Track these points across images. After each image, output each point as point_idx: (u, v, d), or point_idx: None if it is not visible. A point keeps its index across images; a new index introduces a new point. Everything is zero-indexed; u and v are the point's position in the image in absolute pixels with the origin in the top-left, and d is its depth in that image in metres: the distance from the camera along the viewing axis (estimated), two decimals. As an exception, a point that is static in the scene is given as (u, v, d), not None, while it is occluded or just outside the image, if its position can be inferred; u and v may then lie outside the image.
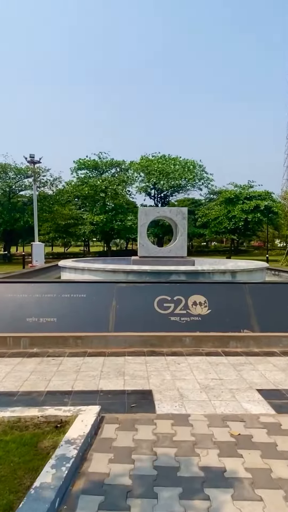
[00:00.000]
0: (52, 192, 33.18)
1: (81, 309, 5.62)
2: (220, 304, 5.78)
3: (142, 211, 9.03)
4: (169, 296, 5.83)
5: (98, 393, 3.68)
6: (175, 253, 9.01)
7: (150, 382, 3.97)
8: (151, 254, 9.00)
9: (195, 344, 5.31)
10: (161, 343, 5.29)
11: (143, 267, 7.01)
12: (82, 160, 33.70)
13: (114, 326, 5.44)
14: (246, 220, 34.55)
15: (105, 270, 7.21)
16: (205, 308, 5.72)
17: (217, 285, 6.12)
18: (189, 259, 9.04)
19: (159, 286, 6.00)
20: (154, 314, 5.62)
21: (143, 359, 4.77)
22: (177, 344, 5.30)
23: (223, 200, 36.55)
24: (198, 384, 3.93)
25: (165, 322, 5.53)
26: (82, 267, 7.64)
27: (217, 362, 4.70)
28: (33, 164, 24.69)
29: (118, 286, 5.91)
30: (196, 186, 36.99)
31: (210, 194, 46.60)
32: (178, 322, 5.55)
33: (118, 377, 4.13)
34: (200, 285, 6.10)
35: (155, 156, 34.35)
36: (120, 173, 35.02)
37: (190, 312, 5.67)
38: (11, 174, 29.26)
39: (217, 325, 5.51)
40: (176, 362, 4.65)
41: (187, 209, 9.12)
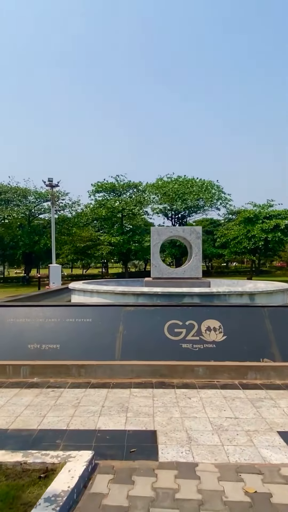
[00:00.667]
0: (71, 215, 33.70)
1: (86, 335, 5.27)
2: (237, 330, 5.29)
3: (155, 230, 8.75)
4: (180, 320, 5.40)
5: (95, 434, 3.27)
6: (190, 274, 8.60)
7: (155, 421, 3.52)
8: (164, 275, 8.62)
9: (209, 375, 4.82)
10: (172, 374, 4.83)
11: (154, 289, 6.63)
12: (100, 183, 34.25)
13: (121, 353, 5.04)
14: (266, 239, 33.70)
15: (114, 293, 6.88)
16: (220, 334, 5.24)
17: (234, 308, 5.65)
18: (204, 280, 8.59)
19: (169, 309, 5.59)
20: (164, 341, 5.19)
21: (150, 392, 4.32)
22: (189, 374, 4.82)
23: (242, 220, 35.95)
24: (210, 424, 3.45)
25: (176, 350, 5.09)
26: (91, 289, 7.35)
27: (233, 396, 4.19)
28: (51, 187, 25.19)
29: (125, 310, 5.54)
30: (214, 206, 36.68)
31: (229, 214, 46.09)
32: (190, 350, 5.09)
33: (121, 413, 3.70)
34: (214, 308, 5.65)
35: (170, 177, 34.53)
36: (137, 194, 35.27)
37: (203, 338, 5.20)
38: (31, 198, 29.97)
39: (234, 354, 5.01)
40: (186, 396, 4.18)
41: (201, 228, 8.76)
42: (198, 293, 6.46)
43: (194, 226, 8.60)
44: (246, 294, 6.79)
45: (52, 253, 24.78)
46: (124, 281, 11.69)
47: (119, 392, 4.32)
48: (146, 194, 35.81)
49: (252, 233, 33.95)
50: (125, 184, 34.77)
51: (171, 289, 6.56)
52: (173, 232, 8.70)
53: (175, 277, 8.61)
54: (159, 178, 34.42)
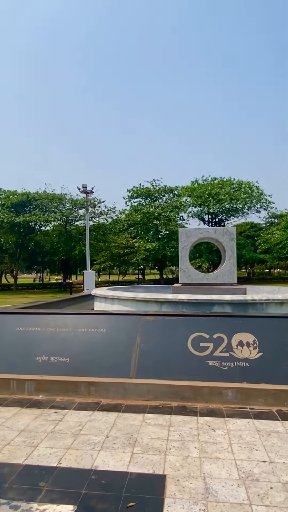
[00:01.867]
0: (107, 221, 33.81)
1: (98, 348, 4.69)
2: (276, 346, 4.44)
3: (183, 232, 8.04)
4: (207, 333, 4.65)
5: (90, 475, 2.64)
6: (222, 279, 7.77)
7: (167, 461, 2.82)
8: (194, 281, 7.87)
9: (240, 399, 4.01)
10: (195, 397, 4.09)
11: (179, 296, 5.92)
12: (136, 188, 34.08)
13: (137, 370, 4.39)
14: (312, 243, 31.51)
15: (135, 300, 6.26)
16: (255, 351, 4.42)
17: (272, 320, 4.79)
18: (239, 287, 7.72)
19: (195, 320, 4.85)
20: (187, 357, 4.47)
21: (167, 420, 3.62)
22: (215, 398, 4.05)
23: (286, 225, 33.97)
24: (237, 470, 2.69)
25: (202, 368, 4.34)
26: (112, 296, 6.79)
27: (269, 430, 3.37)
28: (86, 194, 25.30)
29: (144, 319, 4.89)
30: (254, 209, 34.99)
31: (271, 218, 43.90)
32: (218, 369, 4.32)
33: (126, 447, 3.05)
34: (248, 319, 4.82)
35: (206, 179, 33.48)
36: (173, 199, 34.61)
37: (234, 355, 4.41)
38: (67, 205, 30.43)
39: (271, 375, 4.16)
40: (210, 427, 3.43)
41: (235, 229, 7.91)
42: (230, 301, 5.65)
43: (227, 227, 7.76)
44: (287, 302, 5.85)
45: (87, 259, 24.80)
46: (154, 287, 11.06)
47: (130, 417, 3.67)
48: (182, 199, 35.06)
49: (296, 237, 31.91)
50: (160, 189, 34.30)
51: (198, 296, 5.81)
52: (203, 234, 7.94)
53: (206, 283, 7.82)
54: (194, 181, 33.51)
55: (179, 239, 8.11)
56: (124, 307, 6.50)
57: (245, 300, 5.69)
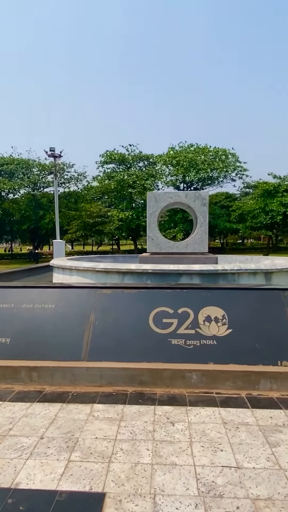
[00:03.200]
0: (78, 188, 32.29)
1: (45, 326, 4.01)
2: (247, 321, 3.93)
3: (152, 196, 7.28)
4: (171, 308, 4.06)
5: (6, 498, 2.02)
6: (193, 248, 7.18)
7: (110, 471, 2.25)
8: (162, 249, 7.24)
9: (205, 383, 3.50)
10: (155, 381, 3.54)
11: (143, 266, 5.26)
12: (109, 153, 32.37)
13: (89, 352, 3.77)
14: (285, 214, 31.56)
15: (95, 270, 5.57)
16: (224, 327, 3.89)
17: (243, 292, 4.25)
18: (210, 256, 7.17)
19: (158, 293, 4.24)
20: (148, 335, 3.88)
21: (119, 411, 3.05)
22: (178, 382, 3.52)
23: (260, 194, 33.70)
24: (196, 481, 2.16)
25: (164, 348, 3.78)
26: (70, 266, 6.05)
27: (238, 421, 2.87)
28: (54, 158, 23.67)
29: (99, 293, 4.23)
30: (229, 177, 34.42)
31: (246, 188, 43.61)
32: (182, 348, 3.77)
33: (62, 453, 2.45)
34: (218, 292, 4.26)
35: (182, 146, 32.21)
36: (149, 166, 33.34)
37: (200, 332, 3.87)
38: (35, 170, 28.59)
39: (242, 354, 3.67)
40: (169, 420, 2.89)
41: (207, 194, 7.24)
42: (199, 272, 5.07)
43: (199, 191, 7.08)
44: (261, 272, 5.35)
45: (56, 228, 23.66)
46: (122, 257, 10.39)
47: (76, 410, 3.07)
48: (158, 167, 33.79)
49: (270, 207, 31.82)
50: (136, 156, 32.83)
51: (163, 266, 5.18)
52: (173, 198, 7.22)
53: (176, 252, 7.21)
54: (171, 147, 32.18)
55: (148, 204, 7.37)
56: (83, 279, 5.81)
57: (215, 270, 5.12)
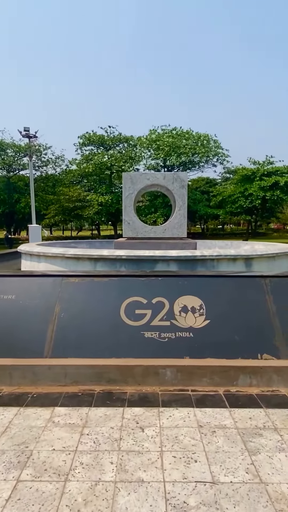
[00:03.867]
0: (55, 172, 31.18)
1: (4, 320, 3.59)
2: (226, 311, 3.64)
3: (127, 177, 6.84)
4: (145, 297, 3.73)
5: None
6: (171, 233, 6.84)
7: (65, 494, 1.92)
8: (139, 234, 6.86)
9: (180, 380, 3.22)
10: (125, 378, 3.22)
11: (117, 252, 4.88)
12: (88, 135, 31.24)
13: (53, 348, 3.40)
14: (264, 198, 31.69)
15: (64, 257, 5.14)
16: (201, 318, 3.59)
17: (221, 280, 3.95)
18: (189, 241, 6.86)
19: (131, 281, 3.89)
20: (119, 328, 3.54)
21: (83, 415, 2.72)
22: (150, 380, 3.22)
23: (240, 179, 33.66)
24: (165, 502, 1.86)
25: (136, 342, 3.45)
26: (37, 252, 5.59)
27: (214, 424, 2.60)
28: (29, 138, 22.54)
29: (66, 281, 3.83)
30: (210, 163, 34.09)
31: (226, 173, 43.53)
32: (156, 341, 3.46)
33: (11, 470, 2.10)
34: (195, 280, 3.94)
35: (165, 129, 31.48)
36: (128, 149, 32.48)
37: (176, 323, 3.56)
38: (9, 152, 27.28)
39: (220, 347, 3.39)
40: (138, 425, 2.58)
41: (186, 175, 6.87)
42: (176, 258, 4.74)
43: (177, 172, 6.69)
44: (241, 258, 5.08)
45: (32, 212, 22.78)
46: (99, 243, 9.95)
47: (34, 415, 2.72)
48: (137, 149, 32.97)
49: (249, 191, 31.85)
50: (115, 137, 31.85)
51: (138, 252, 4.82)
52: (150, 179, 6.80)
53: (153, 237, 6.86)
54: (153, 130, 31.36)
55: (123, 186, 6.93)
56: (52, 266, 5.37)
57: (194, 256, 4.80)
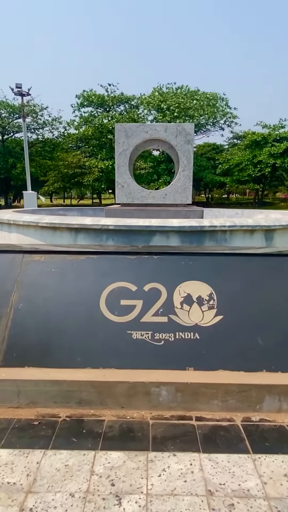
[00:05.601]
0: (53, 135, 29.39)
1: None
2: (245, 304, 2.65)
3: (121, 130, 5.63)
4: (134, 282, 2.73)
5: None
6: (174, 198, 5.74)
7: None
8: (135, 200, 5.77)
9: (180, 402, 2.28)
10: (103, 399, 2.29)
11: (103, 221, 3.83)
12: (86, 94, 29.03)
13: (4, 353, 2.46)
14: (274, 166, 29.91)
15: (38, 226, 4.11)
16: (211, 312, 2.61)
17: (241, 260, 2.92)
18: (195, 208, 5.77)
19: (116, 260, 2.87)
20: (97, 325, 2.57)
21: (33, 466, 1.80)
22: (139, 401, 2.29)
23: (248, 144, 31.63)
24: None
25: (120, 345, 2.50)
26: (7, 220, 4.55)
27: (232, 488, 1.67)
28: (21, 96, 20.74)
29: (28, 260, 2.83)
30: (218, 126, 31.96)
31: (234, 139, 41.14)
32: (148, 345, 2.50)
33: None
34: (203, 259, 2.92)
35: (170, 87, 29.11)
36: (130, 110, 30.34)
37: (177, 320, 2.59)
38: (2, 112, 25.45)
39: (236, 354, 2.44)
40: (114, 492, 1.66)
41: (193, 127, 5.65)
42: (178, 229, 3.68)
43: (182, 124, 5.48)
44: (261, 230, 4.02)
45: (27, 178, 21.46)
46: (92, 210, 8.88)
47: None
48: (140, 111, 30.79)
49: (259, 158, 30.01)
50: (116, 97, 29.63)
51: (130, 221, 3.76)
52: (149, 132, 5.60)
53: (152, 204, 5.77)
54: (157, 88, 28.99)
55: (116, 141, 5.74)
56: (25, 237, 4.36)
57: (201, 227, 3.74)
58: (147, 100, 28.25)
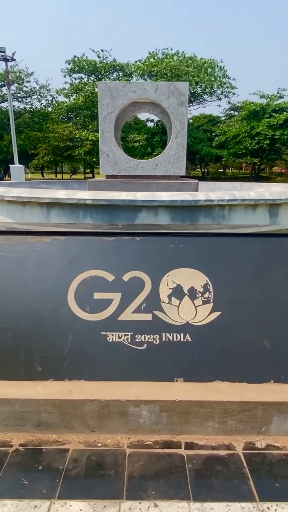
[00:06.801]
0: (41, 104, 27.89)
1: None
2: (248, 297, 2.14)
3: (104, 89, 4.89)
4: (111, 271, 2.19)
5: None
6: (165, 169, 5.11)
7: None
8: (122, 171, 5.13)
9: (166, 424, 1.80)
10: (68, 421, 1.80)
11: (79, 194, 3.23)
12: (77, 59, 27.30)
13: None
14: (272, 138, 28.82)
15: (4, 200, 3.51)
16: (206, 308, 2.10)
17: (241, 242, 2.38)
18: (189, 181, 5.16)
19: (88, 243, 2.31)
20: (63, 324, 2.05)
21: None
22: (114, 423, 1.80)
23: (246, 115, 30.33)
24: None
25: (91, 350, 1.99)
26: None
27: None
28: (5, 61, 19.29)
29: (-23, 243, 2.25)
30: (215, 95, 30.51)
31: (231, 110, 39.54)
32: (126, 350, 2.00)
33: None
34: (197, 241, 2.36)
35: (166, 53, 27.39)
36: (123, 79, 28.74)
37: (163, 318, 2.07)
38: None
39: (237, 362, 1.94)
40: None
41: (187, 86, 4.93)
42: (169, 203, 3.09)
43: (174, 82, 4.77)
44: (264, 204, 3.46)
45: (14, 151, 20.39)
46: (78, 184, 8.17)
47: None
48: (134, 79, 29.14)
49: (257, 130, 28.86)
50: (108, 64, 27.93)
51: (111, 194, 3.16)
52: (137, 92, 4.88)
53: (141, 175, 5.14)
54: (152, 53, 27.29)
55: (99, 102, 5.03)
56: (-9, 214, 3.76)
57: (195, 201, 3.17)
58: (138, 66, 26.62)
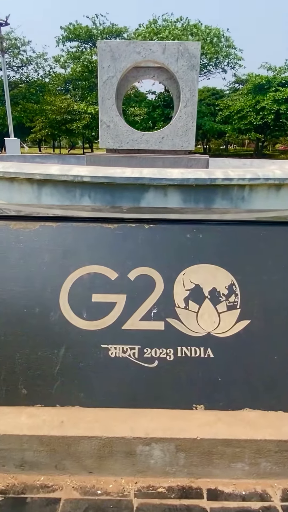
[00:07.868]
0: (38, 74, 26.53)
1: None
2: (284, 302, 1.72)
3: (105, 49, 4.28)
4: (113, 267, 1.76)
5: None
6: (172, 143, 4.58)
7: None
8: (123, 145, 4.60)
9: (182, 466, 1.42)
10: (60, 461, 1.42)
11: (75, 169, 2.75)
12: (71, 27, 25.71)
13: None
14: (277, 112, 27.67)
15: (-12, 177, 3.03)
16: (232, 314, 1.68)
17: (275, 231, 1.94)
18: (198, 156, 4.64)
19: (85, 232, 1.87)
20: (54, 334, 1.64)
21: None
22: (117, 464, 1.42)
23: (251, 88, 29.00)
24: None
25: (88, 367, 1.59)
26: None
27: None
28: (-2, 25, 18.01)
29: None
30: (220, 67, 29.05)
31: (235, 83, 37.88)
32: (133, 367, 1.59)
33: None
34: (219, 230, 1.92)
35: (167, 19, 25.77)
36: (123, 47, 27.16)
37: (177, 326, 1.66)
38: (-22, 45, 22.44)
39: (271, 382, 1.55)
40: None
41: (199, 47, 4.33)
42: (180, 182, 2.61)
43: (185, 42, 4.17)
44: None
45: (9, 123, 19.47)
46: (75, 159, 7.59)
47: None
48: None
49: (262, 104, 27.67)
50: (105, 30, 26.33)
51: (113, 171, 2.68)
52: (142, 53, 4.27)
53: (145, 150, 4.62)
54: (153, 20, 25.69)
55: (99, 65, 4.42)
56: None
57: (212, 180, 2.69)
58: (139, 33, 25.07)
